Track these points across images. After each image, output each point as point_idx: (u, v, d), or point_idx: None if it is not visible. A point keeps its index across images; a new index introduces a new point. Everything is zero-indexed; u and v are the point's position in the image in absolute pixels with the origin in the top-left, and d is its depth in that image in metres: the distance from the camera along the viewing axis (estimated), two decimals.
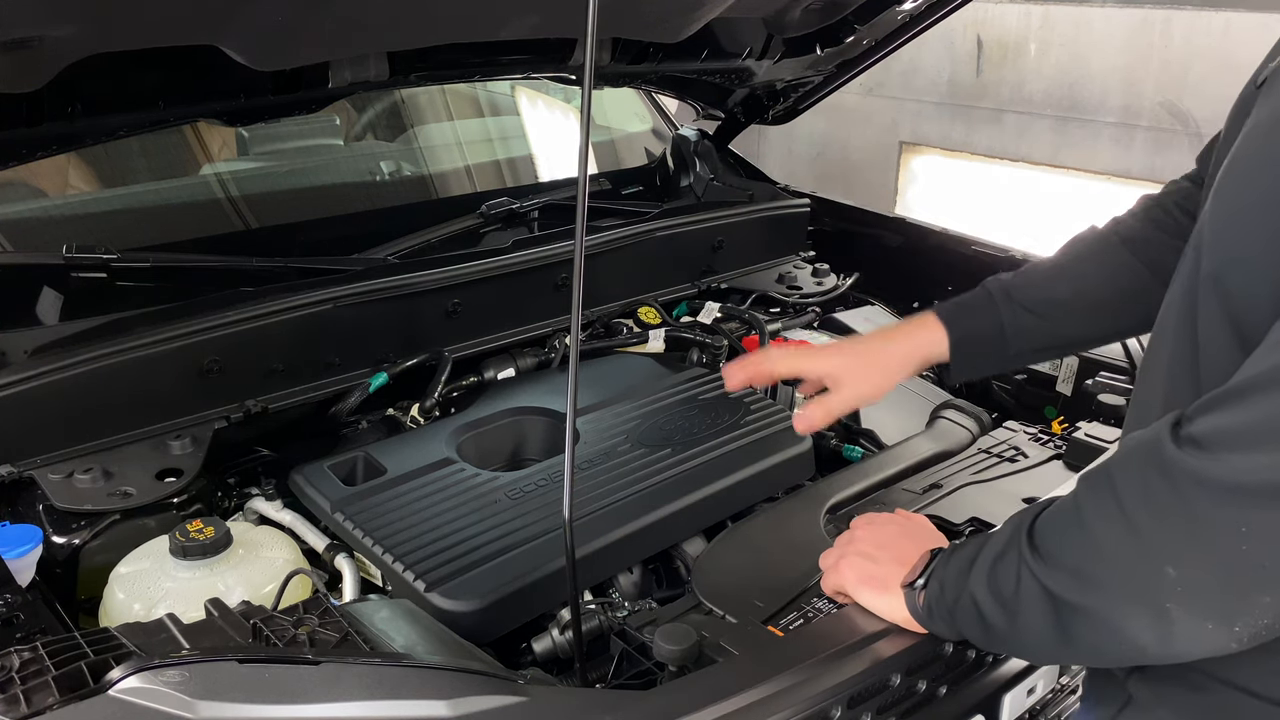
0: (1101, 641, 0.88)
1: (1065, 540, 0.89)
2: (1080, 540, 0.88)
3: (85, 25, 1.23)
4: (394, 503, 1.41)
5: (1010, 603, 0.92)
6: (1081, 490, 0.90)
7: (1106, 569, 0.85)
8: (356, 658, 0.97)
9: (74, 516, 1.36)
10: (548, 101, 2.83)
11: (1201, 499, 0.79)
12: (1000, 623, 0.94)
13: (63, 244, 1.66)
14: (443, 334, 1.85)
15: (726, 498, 1.53)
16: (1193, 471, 0.79)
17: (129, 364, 1.49)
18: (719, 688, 0.98)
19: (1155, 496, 0.82)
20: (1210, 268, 0.91)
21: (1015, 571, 0.91)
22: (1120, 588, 0.84)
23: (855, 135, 5.51)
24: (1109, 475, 0.87)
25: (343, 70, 1.68)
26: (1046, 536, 0.91)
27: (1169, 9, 4.27)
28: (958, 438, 1.72)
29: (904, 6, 2.12)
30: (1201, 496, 0.79)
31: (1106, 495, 0.86)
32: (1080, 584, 0.87)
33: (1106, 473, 0.87)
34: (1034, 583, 0.90)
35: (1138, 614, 0.84)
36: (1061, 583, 0.88)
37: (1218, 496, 0.78)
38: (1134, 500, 0.83)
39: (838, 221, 2.59)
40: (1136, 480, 0.84)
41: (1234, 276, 0.89)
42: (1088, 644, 0.90)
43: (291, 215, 2.18)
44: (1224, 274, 0.90)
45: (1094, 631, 0.88)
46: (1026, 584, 0.90)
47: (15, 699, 0.87)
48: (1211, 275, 0.91)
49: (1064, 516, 0.91)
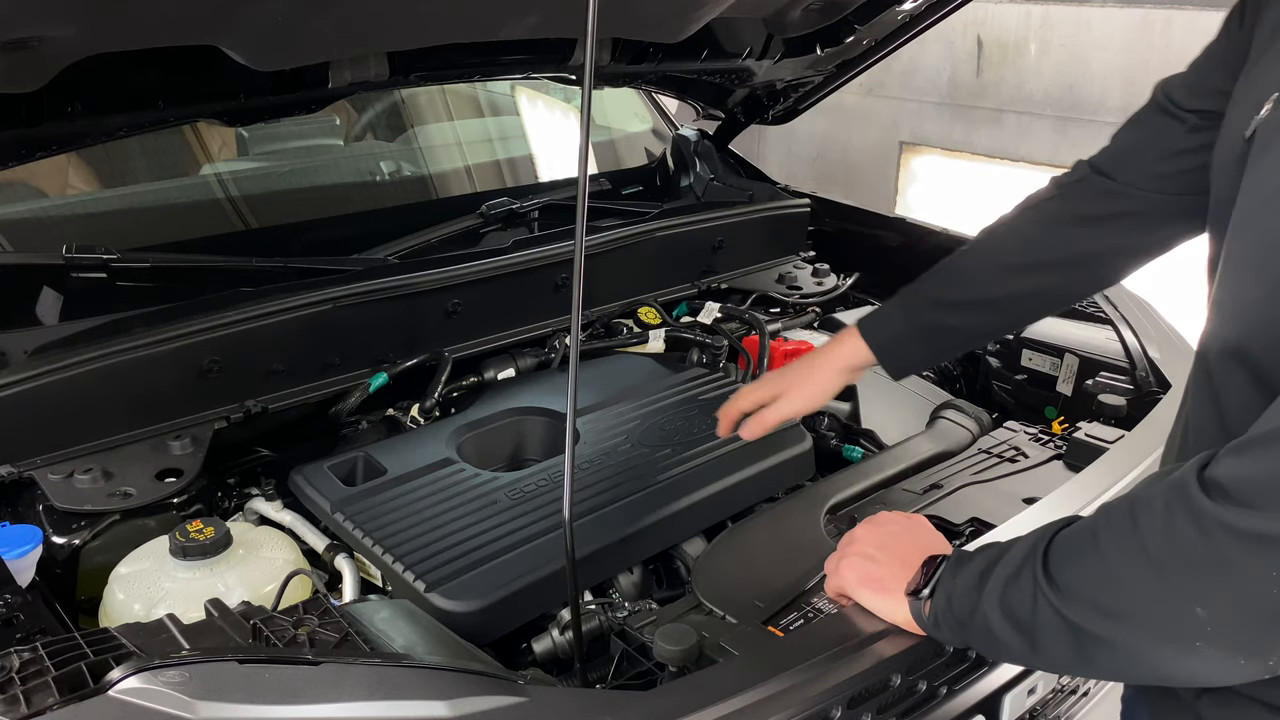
0: (1126, 668, 0.88)
1: (1084, 573, 0.88)
2: (1100, 575, 0.86)
3: (85, 25, 1.23)
4: (394, 503, 1.41)
5: (1028, 627, 0.91)
6: (1101, 524, 0.88)
7: (1131, 605, 0.84)
8: (356, 658, 0.97)
9: (74, 516, 1.36)
10: (548, 101, 2.83)
11: (1230, 546, 0.78)
12: (1017, 644, 0.93)
13: (63, 244, 1.66)
14: (443, 334, 1.85)
15: (726, 498, 1.53)
16: (1220, 519, 0.78)
17: (129, 364, 1.49)
18: (719, 688, 0.98)
19: (1182, 540, 0.81)
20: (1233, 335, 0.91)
21: (1031, 597, 0.90)
22: (1146, 624, 0.84)
23: (855, 135, 5.51)
24: (1132, 513, 0.85)
25: (343, 70, 1.68)
26: (1063, 566, 0.89)
27: (1169, 9, 4.27)
28: (958, 438, 1.72)
29: (904, 6, 2.12)
30: (1230, 543, 0.78)
31: (1128, 533, 0.85)
32: (1102, 617, 0.86)
33: (1130, 510, 0.86)
34: (1051, 611, 0.88)
35: (1166, 648, 0.83)
36: (1081, 614, 0.87)
37: (1247, 544, 0.77)
38: (1159, 542, 0.82)
39: (838, 221, 2.59)
40: (1161, 522, 0.82)
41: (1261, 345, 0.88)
42: (1112, 669, 0.90)
43: (291, 215, 2.18)
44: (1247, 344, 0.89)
45: (1118, 659, 0.87)
46: (1044, 611, 0.89)
47: (15, 699, 0.87)
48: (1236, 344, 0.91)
49: (1081, 545, 0.89)
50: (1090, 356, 1.89)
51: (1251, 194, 0.91)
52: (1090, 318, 1.99)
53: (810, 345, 2.08)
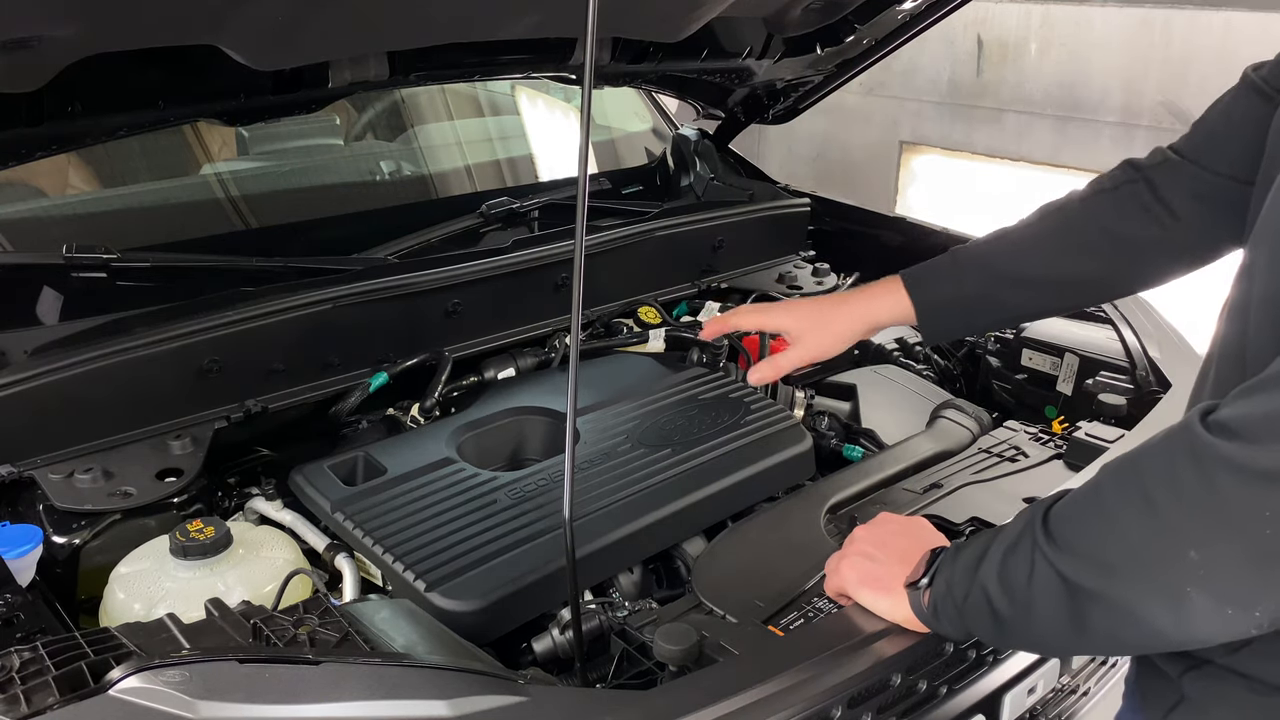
0: (1117, 628, 0.88)
1: (1083, 526, 0.89)
2: (1099, 525, 0.87)
3: (85, 25, 1.23)
4: (394, 503, 1.41)
5: (1023, 593, 0.92)
6: (1104, 477, 0.90)
7: (1126, 553, 0.85)
8: (357, 658, 0.97)
9: (74, 516, 1.36)
10: (548, 101, 2.83)
11: (1228, 482, 0.78)
12: (1012, 614, 0.93)
13: (63, 244, 1.66)
14: (443, 334, 1.85)
15: (726, 498, 1.53)
16: (1220, 455, 0.79)
17: (129, 364, 1.49)
18: (719, 688, 0.98)
19: (1181, 479, 0.81)
20: (1266, 290, 0.91)
21: (1029, 561, 0.91)
22: (1140, 571, 0.84)
23: (855, 135, 5.51)
24: (1134, 461, 0.87)
25: (343, 70, 1.68)
26: (1063, 523, 0.91)
27: (1169, 9, 4.27)
28: (958, 437, 1.72)
29: (904, 6, 2.12)
30: (1228, 480, 0.78)
31: (1130, 480, 0.86)
32: (1098, 569, 0.86)
33: (1132, 459, 0.87)
34: (1049, 569, 0.89)
35: (1157, 598, 0.84)
36: (1078, 569, 0.87)
37: (1245, 480, 0.78)
38: (1159, 484, 0.83)
39: (838, 221, 2.59)
40: (1163, 464, 0.83)
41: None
42: (1103, 631, 0.89)
43: (291, 215, 2.18)
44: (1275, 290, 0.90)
45: (1110, 618, 0.87)
46: (1041, 572, 0.90)
47: (15, 699, 0.87)
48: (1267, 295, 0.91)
49: (1083, 502, 0.91)
50: (1090, 356, 1.89)
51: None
52: (1090, 317, 1.99)
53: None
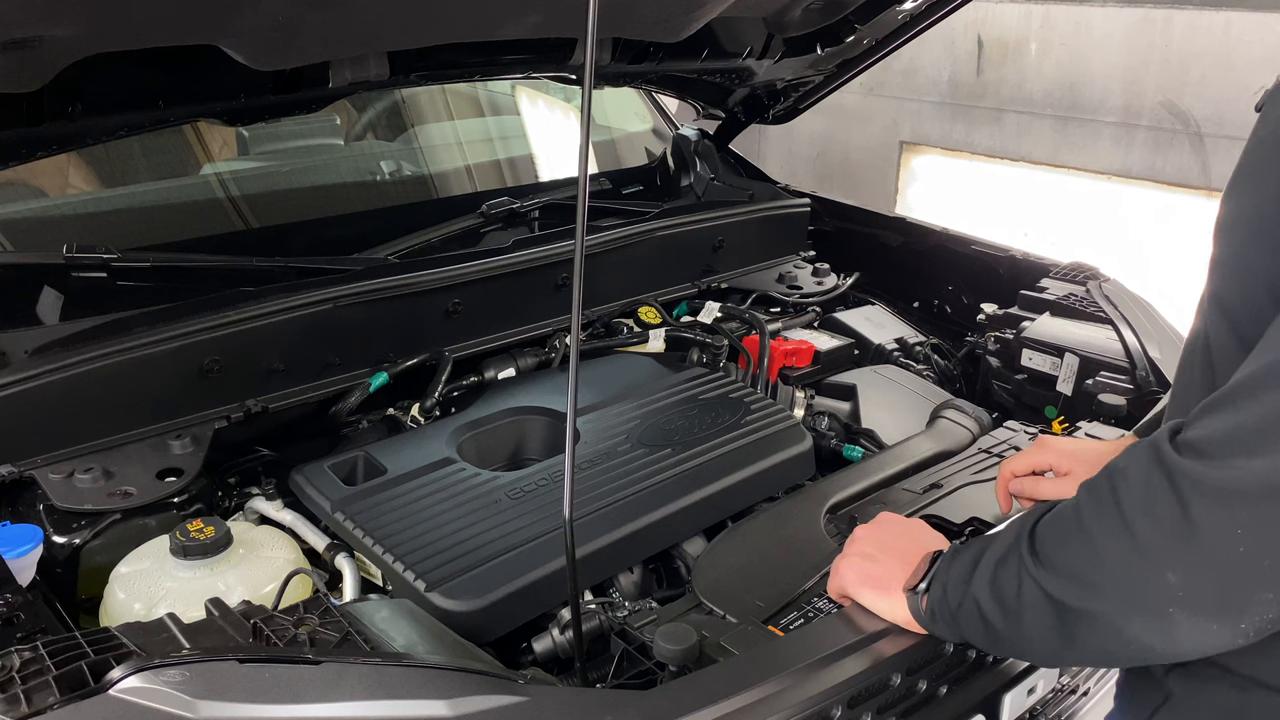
0: (1106, 643, 0.88)
1: (1066, 545, 0.90)
2: (1080, 545, 0.88)
3: (85, 25, 1.23)
4: (394, 502, 1.41)
5: (1012, 606, 0.92)
6: (1083, 496, 0.90)
7: (1107, 575, 0.85)
8: (357, 658, 0.97)
9: (74, 516, 1.36)
10: (548, 101, 2.83)
11: (1199, 505, 0.79)
12: (1003, 626, 0.94)
13: (63, 244, 1.66)
14: (443, 334, 1.85)
15: (726, 498, 1.53)
16: (1190, 475, 0.79)
17: (129, 364, 1.49)
18: (719, 688, 0.98)
19: (1155, 502, 0.82)
20: (1213, 286, 0.92)
21: (1017, 575, 0.92)
22: (1121, 592, 0.85)
23: (855, 135, 5.51)
24: (1110, 482, 0.87)
25: (343, 70, 1.68)
26: (1047, 541, 0.91)
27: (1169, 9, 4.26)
28: (958, 438, 1.72)
29: (904, 6, 2.12)
30: (1199, 502, 0.79)
31: (1107, 501, 0.86)
32: (1081, 588, 0.87)
33: (1108, 479, 0.88)
34: (1035, 587, 0.90)
35: (1141, 618, 0.84)
36: (1062, 588, 0.88)
37: (1215, 500, 0.78)
38: (1134, 507, 0.83)
39: (838, 221, 2.60)
40: (1137, 486, 0.84)
41: (1233, 289, 0.89)
42: (1093, 646, 0.90)
43: (292, 215, 2.18)
44: (1224, 288, 0.91)
45: (1097, 634, 0.88)
46: (1028, 588, 0.91)
47: (16, 699, 0.87)
48: (1214, 292, 0.92)
49: (1065, 521, 0.91)
50: (1090, 356, 1.89)
51: (1247, 152, 0.92)
52: (1090, 317, 1.99)
53: (811, 345, 2.08)
